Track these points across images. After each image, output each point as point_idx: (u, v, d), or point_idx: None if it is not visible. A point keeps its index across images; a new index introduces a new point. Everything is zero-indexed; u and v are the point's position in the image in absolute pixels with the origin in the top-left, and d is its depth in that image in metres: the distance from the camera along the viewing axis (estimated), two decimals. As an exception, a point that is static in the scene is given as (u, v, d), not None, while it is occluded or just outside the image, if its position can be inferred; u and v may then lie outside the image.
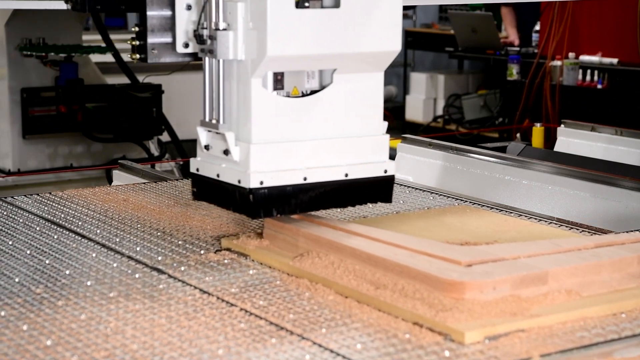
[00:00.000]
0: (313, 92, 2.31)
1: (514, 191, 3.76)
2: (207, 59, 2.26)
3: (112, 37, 6.38)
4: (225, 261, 2.32)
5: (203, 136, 2.32)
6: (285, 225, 2.33)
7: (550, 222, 2.67)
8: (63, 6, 4.57)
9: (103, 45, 6.19)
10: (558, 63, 9.31)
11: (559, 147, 4.76)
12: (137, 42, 2.35)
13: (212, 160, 2.31)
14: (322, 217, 2.39)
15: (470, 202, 2.92)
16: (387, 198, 2.38)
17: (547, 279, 2.00)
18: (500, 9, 11.58)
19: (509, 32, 10.67)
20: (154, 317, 1.94)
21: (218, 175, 2.29)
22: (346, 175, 2.31)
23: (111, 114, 6.03)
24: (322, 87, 2.32)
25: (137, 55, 2.36)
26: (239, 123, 2.24)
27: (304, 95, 2.30)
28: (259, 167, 2.21)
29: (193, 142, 7.55)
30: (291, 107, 2.26)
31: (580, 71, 9.25)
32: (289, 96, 2.28)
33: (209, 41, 2.23)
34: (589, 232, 2.58)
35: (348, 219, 2.68)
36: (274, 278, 2.19)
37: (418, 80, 11.19)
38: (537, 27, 10.08)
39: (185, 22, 2.31)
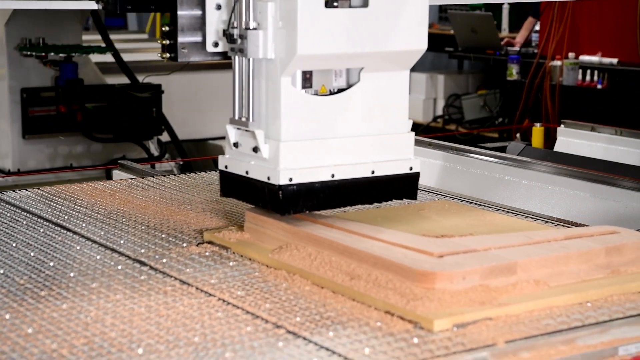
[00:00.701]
0: (340, 90, 2.35)
1: (514, 191, 3.79)
2: (236, 57, 2.30)
3: (112, 37, 6.41)
4: (207, 254, 2.37)
5: (232, 134, 2.36)
6: (266, 218, 2.38)
7: (548, 222, 2.69)
8: (63, 6, 4.64)
9: (103, 45, 6.22)
10: (558, 63, 9.33)
11: (558, 147, 4.76)
12: (167, 41, 2.40)
13: (241, 158, 2.35)
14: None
15: (468, 202, 2.94)
16: (413, 194, 2.42)
17: (516, 269, 2.05)
18: (501, 10, 11.61)
19: (520, 35, 10.61)
20: (134, 307, 1.99)
21: (247, 172, 2.33)
22: (373, 172, 2.35)
23: (111, 114, 6.04)
24: (349, 86, 2.36)
25: (167, 54, 2.41)
26: (268, 121, 2.28)
27: (331, 93, 2.34)
28: (288, 164, 2.25)
29: (193, 142, 7.48)
30: (319, 106, 2.30)
31: (580, 71, 9.27)
32: (317, 94, 2.32)
33: (239, 40, 2.27)
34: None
35: (329, 213, 2.71)
36: (253, 270, 2.24)
37: (418, 80, 11.16)
38: (537, 27, 10.09)
39: (215, 21, 2.36)
